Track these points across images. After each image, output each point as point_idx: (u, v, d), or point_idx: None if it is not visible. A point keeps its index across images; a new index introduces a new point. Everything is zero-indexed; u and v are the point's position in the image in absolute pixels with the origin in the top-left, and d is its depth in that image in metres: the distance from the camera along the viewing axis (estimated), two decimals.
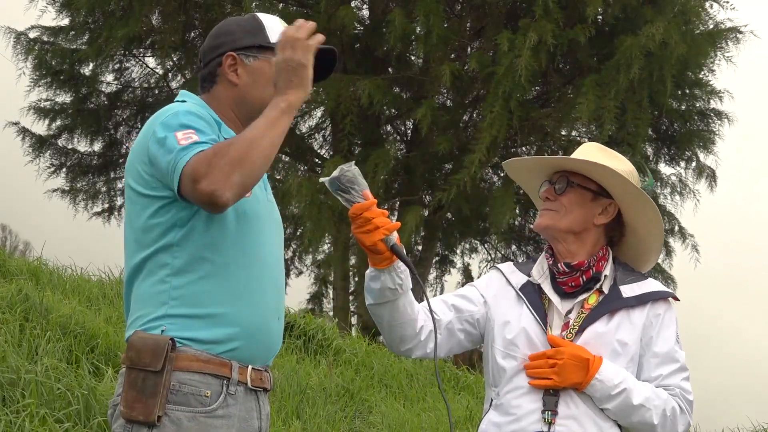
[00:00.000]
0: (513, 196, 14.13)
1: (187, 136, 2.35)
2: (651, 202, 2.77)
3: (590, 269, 2.74)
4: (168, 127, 2.39)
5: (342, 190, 2.53)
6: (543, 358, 2.65)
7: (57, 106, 16.02)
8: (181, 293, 2.41)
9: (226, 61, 2.57)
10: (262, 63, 2.58)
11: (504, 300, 2.82)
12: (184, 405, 2.36)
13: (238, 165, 2.27)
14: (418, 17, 13.51)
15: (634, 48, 12.79)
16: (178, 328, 2.40)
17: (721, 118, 15.51)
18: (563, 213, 2.76)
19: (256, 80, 2.57)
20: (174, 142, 2.34)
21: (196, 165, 2.27)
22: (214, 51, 2.61)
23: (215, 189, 2.25)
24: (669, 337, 2.73)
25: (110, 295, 8.34)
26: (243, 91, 2.58)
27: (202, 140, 2.35)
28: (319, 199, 13.94)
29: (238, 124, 2.58)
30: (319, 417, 6.83)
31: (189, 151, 2.31)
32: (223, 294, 2.43)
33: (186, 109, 2.46)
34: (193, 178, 2.27)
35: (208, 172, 2.25)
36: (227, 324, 2.43)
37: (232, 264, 2.44)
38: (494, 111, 12.93)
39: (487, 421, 2.75)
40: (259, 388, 2.52)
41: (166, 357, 2.34)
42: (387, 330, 2.75)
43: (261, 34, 2.59)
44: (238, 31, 2.61)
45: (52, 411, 5.02)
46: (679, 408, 2.69)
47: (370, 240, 2.52)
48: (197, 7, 15.45)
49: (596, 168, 2.74)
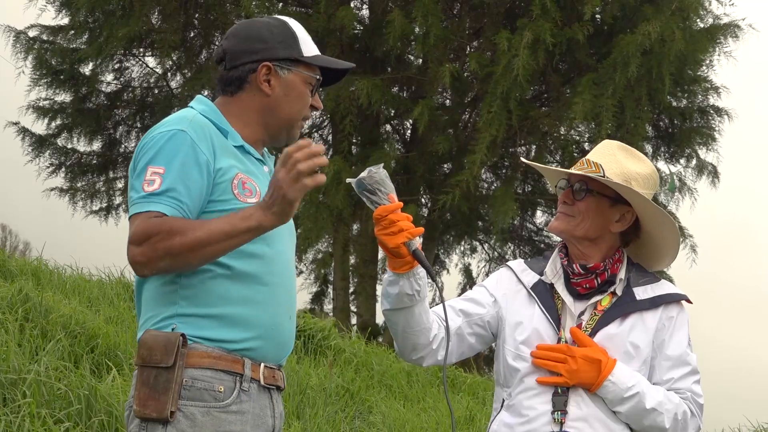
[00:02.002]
0: (513, 196, 14.14)
1: (153, 179, 2.38)
2: (669, 217, 2.74)
3: (605, 272, 2.72)
4: (153, 149, 2.42)
5: (368, 191, 2.53)
6: (554, 352, 2.64)
7: (56, 105, 16.01)
8: (190, 293, 2.42)
9: (261, 70, 2.55)
10: (295, 77, 2.58)
11: (515, 299, 2.80)
12: (198, 400, 2.37)
13: (172, 257, 2.32)
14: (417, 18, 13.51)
15: (630, 46, 12.78)
16: (188, 327, 2.41)
17: (720, 114, 15.48)
18: (580, 219, 2.73)
19: (287, 94, 2.57)
20: (141, 180, 2.39)
21: (141, 229, 2.33)
22: (248, 56, 2.57)
23: (139, 262, 2.33)
24: (681, 340, 2.72)
25: (110, 295, 8.34)
26: (274, 102, 2.57)
27: (161, 189, 2.36)
28: (317, 199, 13.94)
29: (256, 131, 2.59)
30: (319, 417, 6.83)
31: (142, 204, 2.36)
32: (233, 294, 2.43)
33: (183, 128, 2.44)
34: (129, 239, 2.34)
35: (144, 242, 2.31)
36: (238, 324, 2.44)
37: (242, 264, 2.44)
38: (492, 111, 12.93)
39: (499, 422, 2.74)
40: (272, 386, 2.52)
41: (177, 352, 2.35)
42: (401, 337, 2.73)
43: (296, 46, 2.59)
44: (272, 39, 2.58)
45: (53, 411, 5.02)
46: (690, 412, 2.68)
47: (393, 242, 2.51)
48: (197, 7, 15.44)
49: (617, 186, 2.70)
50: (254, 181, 2.52)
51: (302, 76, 2.58)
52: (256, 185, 2.52)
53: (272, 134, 2.61)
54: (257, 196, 2.49)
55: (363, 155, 14.28)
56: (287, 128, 2.62)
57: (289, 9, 15.03)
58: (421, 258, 2.55)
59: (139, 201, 2.36)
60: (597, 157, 2.76)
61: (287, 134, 2.63)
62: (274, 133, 2.61)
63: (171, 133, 2.43)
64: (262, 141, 2.62)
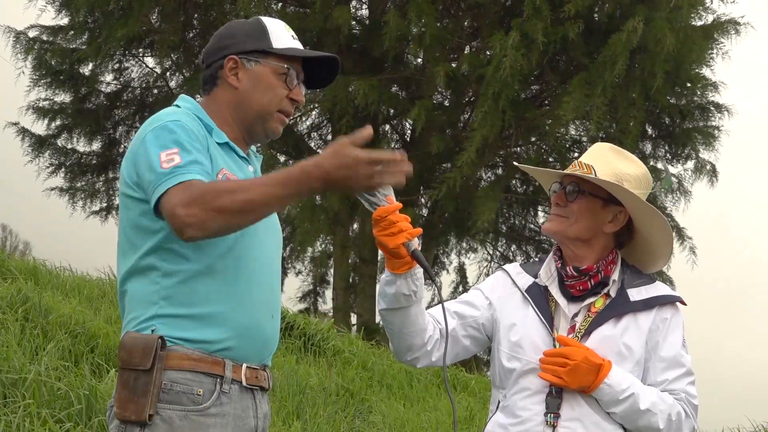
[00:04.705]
0: (498, 195, 14.13)
1: (170, 158, 2.34)
2: (661, 216, 2.76)
3: (599, 274, 2.74)
4: (155, 141, 2.39)
5: (367, 193, 2.54)
6: (558, 356, 2.65)
7: (56, 105, 16.02)
8: (170, 293, 2.42)
9: (228, 64, 2.57)
10: (264, 68, 2.58)
11: (510, 301, 2.82)
12: (175, 404, 2.37)
13: (223, 216, 2.28)
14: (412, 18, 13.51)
15: (617, 45, 12.77)
16: (168, 328, 2.41)
17: (720, 110, 15.42)
18: (573, 220, 2.75)
19: (256, 85, 2.57)
20: (157, 162, 2.34)
21: (183, 198, 2.27)
22: (217, 53, 2.61)
23: (191, 224, 2.26)
24: (675, 341, 2.73)
25: (110, 295, 8.35)
26: (242, 95, 2.57)
27: (184, 162, 2.33)
28: (313, 201, 13.96)
29: (234, 128, 2.58)
30: (319, 417, 6.83)
31: (170, 179, 2.31)
32: (212, 294, 2.43)
33: (175, 119, 2.45)
34: (171, 208, 2.28)
35: (191, 205, 2.26)
36: (218, 323, 2.43)
37: (221, 264, 2.44)
38: (483, 111, 12.93)
39: (494, 423, 2.76)
40: (255, 386, 2.52)
41: (155, 355, 2.35)
42: (396, 338, 2.75)
43: (264, 38, 2.59)
44: (241, 34, 2.60)
45: (53, 411, 5.03)
46: (685, 412, 2.69)
47: (393, 243, 2.52)
48: (196, 7, 15.45)
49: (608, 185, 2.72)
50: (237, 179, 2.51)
51: (271, 67, 2.57)
52: None
53: (248, 128, 2.59)
54: None
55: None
56: (261, 121, 2.59)
57: (287, 9, 15.03)
58: (420, 258, 2.56)
59: (166, 178, 2.32)
60: (589, 159, 2.78)
61: (263, 128, 2.61)
62: (249, 127, 2.60)
63: (167, 123, 2.43)
64: (242, 138, 2.62)
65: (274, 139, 2.69)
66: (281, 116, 2.61)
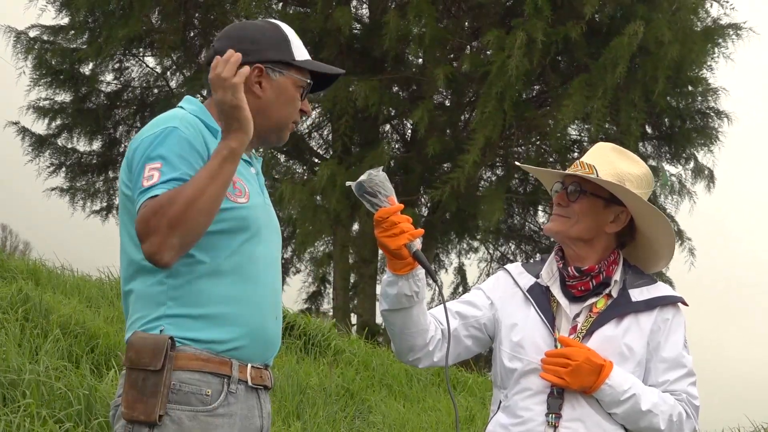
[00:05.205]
0: (503, 195, 14.14)
1: (151, 174, 2.34)
2: (663, 216, 2.76)
3: (600, 274, 2.74)
4: (146, 150, 2.39)
5: (368, 194, 2.54)
6: (559, 357, 2.65)
7: (56, 105, 16.03)
8: (178, 294, 2.41)
9: (252, 72, 2.52)
10: (287, 80, 2.57)
11: (511, 301, 2.82)
12: (185, 404, 2.37)
13: (176, 227, 2.27)
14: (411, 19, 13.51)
15: (618, 47, 12.77)
16: (176, 328, 2.40)
17: (720, 117, 15.45)
18: (575, 220, 2.75)
19: (278, 97, 2.56)
20: (141, 178, 2.36)
21: (140, 222, 2.30)
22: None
23: (154, 252, 2.27)
24: (677, 342, 2.72)
25: (110, 295, 8.36)
26: (264, 105, 2.55)
27: (162, 180, 2.33)
28: (314, 202, 13.96)
29: None
30: (320, 417, 6.83)
31: (144, 197, 2.32)
32: (220, 294, 2.43)
33: (173, 125, 2.43)
34: (138, 234, 2.31)
35: (148, 233, 2.27)
36: (226, 324, 2.44)
37: (228, 264, 2.44)
38: (486, 111, 12.93)
39: (495, 423, 2.76)
40: (260, 386, 2.53)
41: (165, 356, 2.35)
42: (398, 338, 2.75)
43: (288, 50, 2.57)
44: (263, 41, 2.56)
45: (53, 411, 5.02)
46: (686, 413, 2.69)
47: (394, 244, 2.53)
48: (197, 7, 15.45)
49: (610, 185, 2.72)
50: (243, 182, 2.51)
51: (293, 79, 2.57)
52: (245, 185, 2.52)
53: (261, 136, 2.58)
54: (246, 197, 2.49)
55: (360, 155, 14.28)
56: (277, 131, 2.60)
57: (288, 9, 15.03)
58: (422, 259, 2.56)
59: (138, 197, 2.35)
60: (590, 159, 2.78)
61: (276, 137, 2.62)
62: (263, 135, 2.59)
63: (163, 130, 2.42)
64: (250, 142, 2.60)
65: (280, 145, 2.69)
66: (293, 126, 2.63)
